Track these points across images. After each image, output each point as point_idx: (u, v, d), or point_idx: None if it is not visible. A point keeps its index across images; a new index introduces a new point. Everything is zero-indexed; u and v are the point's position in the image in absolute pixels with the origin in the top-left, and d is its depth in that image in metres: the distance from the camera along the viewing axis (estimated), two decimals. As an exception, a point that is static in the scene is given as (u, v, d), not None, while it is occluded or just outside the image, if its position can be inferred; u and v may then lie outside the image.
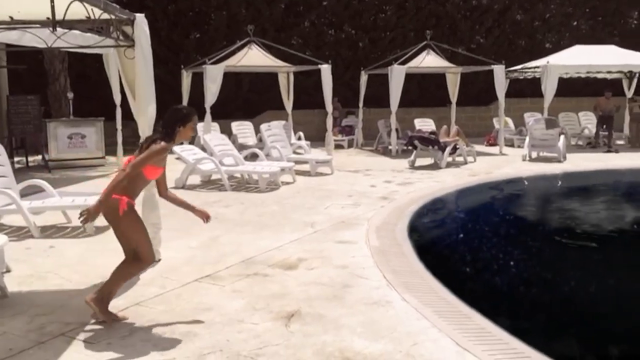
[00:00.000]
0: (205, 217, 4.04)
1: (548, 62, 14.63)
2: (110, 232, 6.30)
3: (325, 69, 12.80)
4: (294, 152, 12.23)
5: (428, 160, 12.09)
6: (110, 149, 12.13)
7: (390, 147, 14.17)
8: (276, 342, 3.47)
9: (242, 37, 14.29)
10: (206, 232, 5.89)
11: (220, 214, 7.16)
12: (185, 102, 13.80)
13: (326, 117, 13.15)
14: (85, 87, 14.99)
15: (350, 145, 15.96)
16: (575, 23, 20.32)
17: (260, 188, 9.03)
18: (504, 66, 14.12)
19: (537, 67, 15.40)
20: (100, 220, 6.39)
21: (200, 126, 12.02)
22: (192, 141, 13.18)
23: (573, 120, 17.11)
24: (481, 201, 9.64)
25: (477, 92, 18.51)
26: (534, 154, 13.05)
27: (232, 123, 14.34)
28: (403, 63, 14.33)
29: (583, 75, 16.87)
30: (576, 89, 18.33)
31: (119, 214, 3.62)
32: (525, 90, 18.21)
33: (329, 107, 12.95)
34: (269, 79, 15.96)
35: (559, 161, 12.48)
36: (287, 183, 9.64)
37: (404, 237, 6.20)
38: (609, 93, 15.14)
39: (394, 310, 3.99)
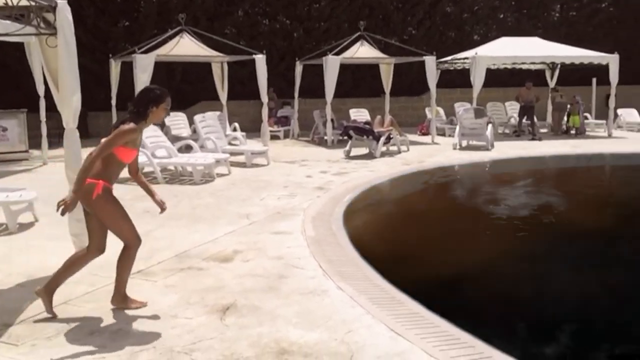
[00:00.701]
0: (162, 208, 3.96)
1: (476, 54, 15.11)
2: (34, 228, 6.07)
3: (260, 59, 12.69)
4: (229, 144, 12.09)
5: (363, 150, 12.25)
6: (35, 142, 11.57)
7: (326, 138, 14.26)
8: (211, 335, 3.43)
9: (174, 25, 13.93)
10: (138, 227, 5.71)
11: (153, 207, 6.93)
12: (114, 92, 13.35)
13: (262, 108, 13.06)
14: (6, 77, 14.21)
15: (286, 136, 15.93)
16: (501, 16, 21.06)
17: (195, 180, 8.88)
18: (434, 57, 14.47)
19: (466, 58, 15.88)
20: (24, 217, 6.15)
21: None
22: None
23: (500, 109, 17.78)
24: (414, 189, 9.87)
25: (410, 83, 18.88)
26: (464, 143, 13.47)
27: (165, 114, 13.97)
28: (337, 54, 14.42)
29: (509, 66, 17.55)
30: (503, 79, 19.02)
31: (92, 198, 3.56)
32: (456, 81, 18.74)
33: (265, 97, 12.86)
34: (203, 69, 15.66)
35: (487, 149, 12.95)
36: (222, 175, 9.52)
37: (339, 226, 6.26)
38: (530, 83, 15.80)
39: (329, 299, 4.03)
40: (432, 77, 14.38)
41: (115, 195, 3.74)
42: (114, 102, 13.43)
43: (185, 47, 13.26)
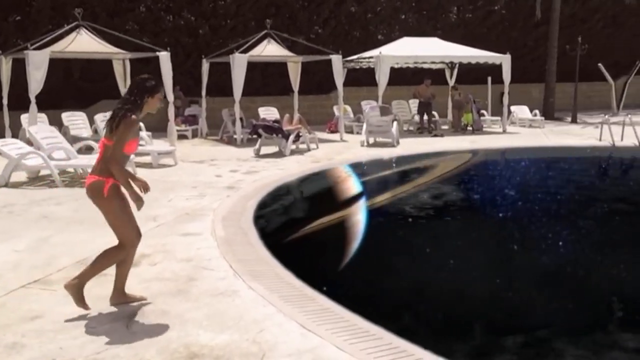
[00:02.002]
0: (143, 188, 3.86)
1: (380, 53, 15.55)
2: None
3: (164, 57, 12.35)
4: (134, 144, 11.64)
5: (273, 149, 12.24)
6: None
7: (235, 137, 14.11)
8: (116, 344, 3.30)
9: (70, 21, 13.24)
10: (35, 233, 5.43)
11: (51, 212, 6.61)
12: (5, 90, 12.49)
13: (168, 107, 12.71)
14: None
15: (194, 135, 15.60)
16: (403, 16, 21.80)
17: (97, 183, 8.48)
18: (341, 56, 14.72)
19: (371, 57, 16.29)
20: None
21: (24, 117, 10.93)
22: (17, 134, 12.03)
23: (404, 107, 18.40)
24: (324, 186, 10.00)
25: (318, 81, 19.11)
26: (371, 140, 13.82)
27: (63, 114, 13.26)
28: (245, 51, 14.31)
29: (412, 65, 18.19)
30: (406, 78, 19.70)
31: (103, 196, 3.64)
32: (362, 79, 19.18)
33: (170, 96, 12.53)
34: (103, 66, 14.99)
35: (393, 146, 13.36)
36: (127, 176, 9.16)
37: (249, 225, 6.22)
38: (428, 81, 16.49)
39: (240, 300, 4.00)
40: (339, 75, 14.62)
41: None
42: (5, 101, 12.55)
43: (84, 43, 12.65)
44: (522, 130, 17.09)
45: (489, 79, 19.10)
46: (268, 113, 15.61)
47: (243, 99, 14.10)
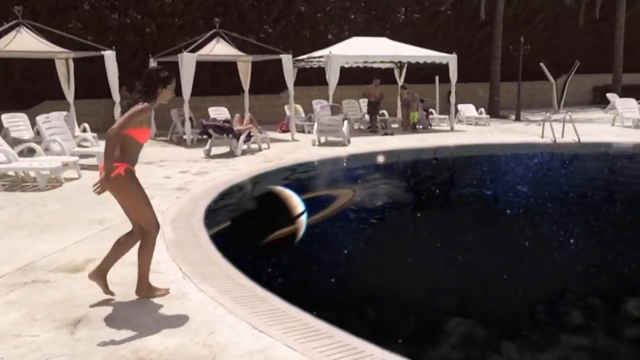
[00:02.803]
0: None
1: (330, 53, 15.63)
2: None
3: (109, 56, 12.05)
4: (79, 145, 11.32)
5: (224, 149, 12.13)
6: None
7: (184, 137, 13.90)
8: (60, 352, 3.20)
9: (10, 19, 12.73)
10: (-28, 241, 5.19)
11: (-10, 218, 6.34)
12: (-61, 91, 11.90)
13: (114, 107, 12.40)
14: None
15: (143, 136, 15.25)
16: (352, 16, 21.98)
17: (40, 186, 8.19)
18: (291, 55, 14.71)
19: (321, 56, 16.35)
20: None
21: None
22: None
23: (355, 106, 18.56)
24: (276, 185, 9.98)
25: (269, 81, 19.05)
26: (322, 139, 13.88)
27: (3, 115, 12.74)
28: (193, 51, 14.10)
29: (361, 65, 18.36)
30: (356, 77, 19.89)
31: (115, 177, 3.67)
32: (313, 79, 19.24)
33: (116, 96, 12.24)
34: (46, 66, 14.49)
35: (344, 145, 13.45)
36: (72, 179, 8.89)
37: (200, 227, 6.14)
38: (378, 80, 16.71)
39: (190, 302, 3.95)
40: (289, 75, 14.61)
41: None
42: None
43: (24, 42, 12.20)
44: (468, 128, 17.51)
45: (437, 78, 19.48)
46: (218, 113, 15.45)
47: (192, 99, 13.90)
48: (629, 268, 5.45)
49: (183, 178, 9.04)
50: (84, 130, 13.20)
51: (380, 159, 12.41)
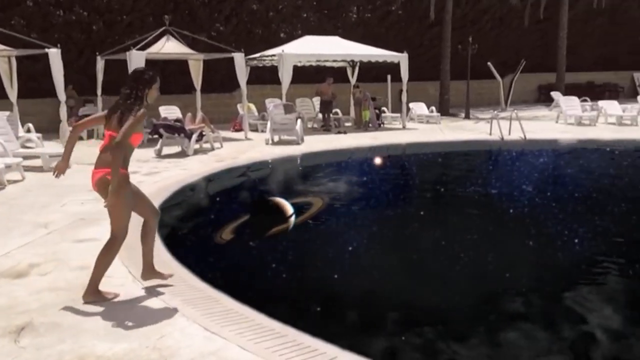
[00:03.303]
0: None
1: (283, 51, 15.59)
2: None
3: (54, 54, 11.66)
4: (23, 146, 10.93)
5: (175, 149, 11.94)
6: None
7: (134, 137, 13.58)
8: (3, 362, 3.08)
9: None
10: None
11: None
12: None
13: (59, 107, 12.02)
14: None
15: (90, 136, 14.85)
16: (305, 15, 21.99)
17: (-20, 189, 7.87)
18: (243, 54, 14.60)
19: (274, 55, 16.29)
20: None
21: None
22: None
23: (308, 105, 18.59)
24: (229, 185, 9.90)
25: (221, 79, 18.85)
26: (276, 138, 13.84)
27: (-61, 115, 12.17)
28: (142, 49, 13.80)
29: (314, 64, 18.40)
30: (309, 76, 19.92)
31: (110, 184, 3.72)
32: (265, 77, 19.16)
33: (62, 95, 11.87)
34: (-15, 63, 13.89)
35: (298, 143, 13.45)
36: (15, 181, 8.57)
37: (150, 228, 6.02)
38: (330, 79, 16.79)
39: (140, 306, 3.86)
40: (241, 73, 14.49)
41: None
42: None
43: (-39, 39, 11.67)
44: (420, 126, 17.80)
45: (389, 77, 19.71)
46: (169, 112, 15.20)
47: (142, 98, 13.61)
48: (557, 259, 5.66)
49: (133, 178, 8.81)
50: (28, 131, 12.74)
51: (377, 160, 12.58)
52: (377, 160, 13.08)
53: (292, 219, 7.07)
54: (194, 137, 11.81)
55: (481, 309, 4.45)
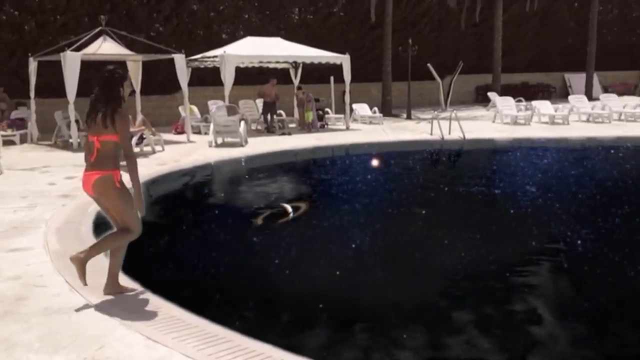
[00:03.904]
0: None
1: (225, 52, 15.43)
2: None
3: (-18, 54, 11.10)
4: (-52, 152, 10.37)
5: (114, 152, 11.58)
6: None
7: (71, 141, 13.14)
8: None
9: None
10: None
11: None
12: None
13: (-11, 110, 11.46)
14: None
15: (23, 141, 14.25)
16: (246, 16, 21.85)
17: None
18: (184, 55, 14.35)
19: (215, 56, 16.10)
20: None
21: None
22: None
23: (252, 107, 18.47)
24: (172, 189, 9.71)
25: (162, 81, 18.46)
26: (219, 140, 13.68)
27: None
28: (78, 49, 13.35)
29: (257, 65, 18.29)
30: (252, 77, 19.79)
31: (116, 186, 3.85)
32: (207, 79, 18.89)
33: (-9, 98, 11.31)
34: None
35: (242, 145, 13.34)
36: (-60, 189, 8.12)
37: (89, 236, 5.83)
38: (274, 80, 16.75)
39: (77, 316, 3.73)
40: (182, 75, 14.25)
41: None
42: None
43: None
44: (363, 127, 18.01)
45: (332, 78, 19.83)
46: (108, 115, 14.73)
47: (79, 100, 13.12)
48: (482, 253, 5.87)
49: (70, 184, 8.53)
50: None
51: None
52: (322, 162, 13.14)
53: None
54: (134, 140, 11.51)
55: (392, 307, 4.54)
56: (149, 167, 10.28)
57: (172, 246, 6.30)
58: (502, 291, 4.87)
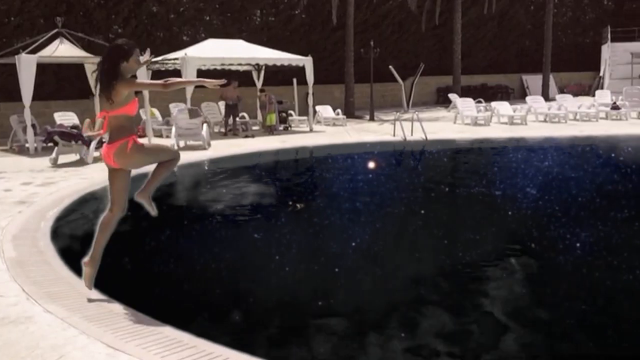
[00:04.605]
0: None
1: (186, 54, 15.26)
2: None
3: None
4: None
5: (73, 157, 11.33)
6: None
7: (27, 145, 12.78)
8: None
9: None
10: None
11: None
12: None
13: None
14: None
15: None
16: (207, 18, 21.67)
17: None
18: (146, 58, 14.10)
19: (177, 59, 15.90)
20: None
21: None
22: None
23: (214, 109, 18.30)
24: (132, 193, 9.52)
25: (121, 83, 18.11)
26: (182, 143, 13.50)
27: None
28: (33, 52, 13.00)
29: (219, 67, 18.15)
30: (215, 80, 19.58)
31: (132, 148, 3.96)
32: (169, 82, 18.61)
33: (-59, 102, 10.91)
34: None
35: (204, 148, 13.21)
36: None
37: (47, 243, 5.67)
38: (235, 83, 16.66)
39: (35, 326, 3.62)
40: (142, 77, 14.00)
41: None
42: None
43: None
44: (327, 129, 18.05)
45: (294, 80, 19.84)
46: (65, 118, 14.41)
47: (35, 104, 12.82)
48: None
49: (26, 190, 8.29)
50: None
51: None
52: (285, 163, 13.12)
53: None
54: (93, 144, 11.27)
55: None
56: (107, 171, 10.06)
57: (132, 252, 6.19)
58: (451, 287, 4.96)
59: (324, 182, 10.70)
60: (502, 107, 19.12)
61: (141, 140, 4.19)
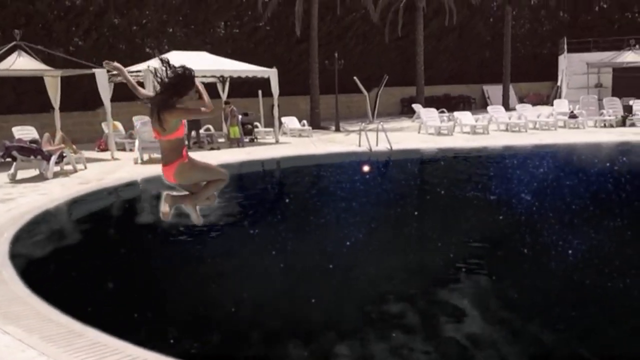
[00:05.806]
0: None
1: (149, 67, 15.05)
2: None
3: None
4: None
5: (33, 172, 11.07)
6: None
7: (-16, 161, 12.40)
8: None
9: None
10: None
11: None
12: None
13: None
14: None
15: None
16: (171, 30, 21.51)
17: None
18: (105, 70, 13.91)
19: (139, 71, 15.72)
20: None
21: None
22: None
23: (179, 122, 18.12)
24: (94, 209, 9.36)
25: (83, 96, 17.82)
26: (146, 157, 13.34)
27: None
28: (-10, 65, 12.70)
29: (183, 80, 17.99)
30: (179, 92, 19.41)
31: (189, 164, 4.14)
32: (132, 94, 18.25)
33: None
34: None
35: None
36: None
37: (4, 261, 5.53)
38: (197, 95, 16.53)
39: (-8, 348, 3.52)
40: (104, 90, 13.82)
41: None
42: None
43: None
44: (293, 140, 18.08)
45: (260, 92, 19.81)
46: (24, 133, 14.07)
47: (-8, 118, 12.49)
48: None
49: (-18, 208, 8.06)
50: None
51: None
52: (252, 175, 13.08)
53: None
54: (53, 158, 11.04)
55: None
56: (70, 187, 9.89)
57: (95, 268, 6.07)
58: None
59: (289, 194, 10.71)
60: (465, 117, 19.48)
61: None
